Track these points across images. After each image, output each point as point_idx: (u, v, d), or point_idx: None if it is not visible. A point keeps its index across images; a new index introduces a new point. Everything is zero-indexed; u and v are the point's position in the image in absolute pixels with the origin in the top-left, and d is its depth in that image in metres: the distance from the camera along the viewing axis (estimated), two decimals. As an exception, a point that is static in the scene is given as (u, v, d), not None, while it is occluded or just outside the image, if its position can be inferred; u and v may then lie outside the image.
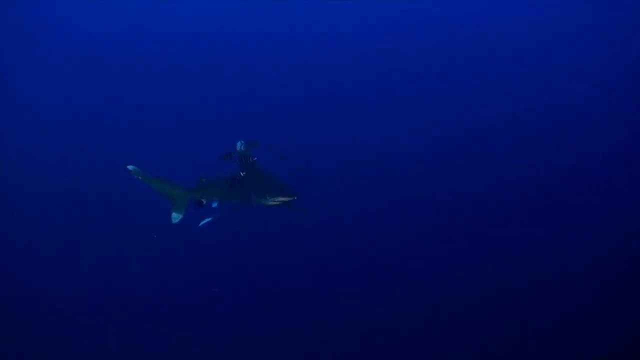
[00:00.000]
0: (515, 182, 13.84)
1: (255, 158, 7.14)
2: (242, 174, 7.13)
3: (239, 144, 7.25)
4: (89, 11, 20.76)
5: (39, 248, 10.96)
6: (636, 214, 12.33)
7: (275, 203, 6.81)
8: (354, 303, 10.14)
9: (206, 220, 7.17)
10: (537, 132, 15.66)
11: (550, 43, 19.76)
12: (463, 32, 20.59)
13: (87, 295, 10.01)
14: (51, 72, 17.47)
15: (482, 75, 18.15)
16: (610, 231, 11.88)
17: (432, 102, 17.07)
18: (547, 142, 15.32)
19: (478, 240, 11.77)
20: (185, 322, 9.73)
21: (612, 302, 9.88)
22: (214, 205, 7.32)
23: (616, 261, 10.94)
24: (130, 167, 6.95)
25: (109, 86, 17.14)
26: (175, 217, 7.18)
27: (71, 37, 19.47)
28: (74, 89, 16.72)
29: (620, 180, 13.57)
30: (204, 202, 7.19)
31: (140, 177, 7.06)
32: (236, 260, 10.86)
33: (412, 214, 12.59)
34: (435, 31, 20.74)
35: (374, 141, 15.34)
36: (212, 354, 9.31)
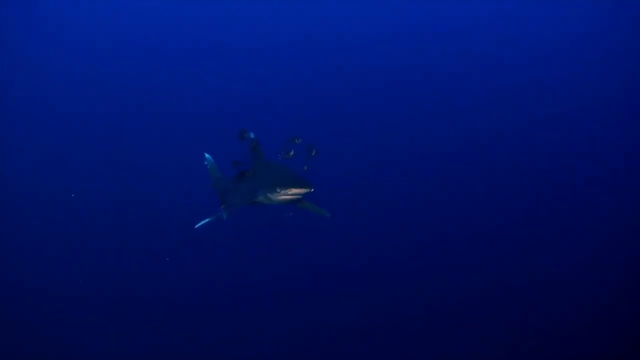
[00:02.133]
0: (515, 183, 13.85)
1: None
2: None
3: (251, 134, 6.96)
4: (89, 11, 20.78)
5: (39, 248, 10.96)
6: (636, 214, 12.33)
7: (287, 197, 5.84)
8: (354, 303, 10.14)
9: (204, 221, 6.99)
10: (537, 134, 15.69)
11: (553, 48, 19.81)
12: (471, 39, 20.73)
13: (87, 295, 10.01)
14: (51, 72, 17.47)
15: (488, 82, 18.25)
16: (610, 231, 11.88)
17: (435, 107, 17.12)
18: (546, 144, 15.34)
19: (478, 240, 11.77)
20: (185, 322, 9.72)
21: (612, 302, 9.88)
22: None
23: (616, 261, 10.95)
24: (206, 155, 7.22)
25: (110, 86, 17.15)
26: (225, 214, 6.93)
27: (72, 38, 19.48)
28: (74, 89, 16.73)
29: (621, 180, 13.58)
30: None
31: (208, 166, 7.28)
32: (236, 261, 10.86)
33: (413, 214, 12.59)
34: (444, 38, 20.86)
35: (375, 142, 15.36)
36: (212, 354, 9.30)
